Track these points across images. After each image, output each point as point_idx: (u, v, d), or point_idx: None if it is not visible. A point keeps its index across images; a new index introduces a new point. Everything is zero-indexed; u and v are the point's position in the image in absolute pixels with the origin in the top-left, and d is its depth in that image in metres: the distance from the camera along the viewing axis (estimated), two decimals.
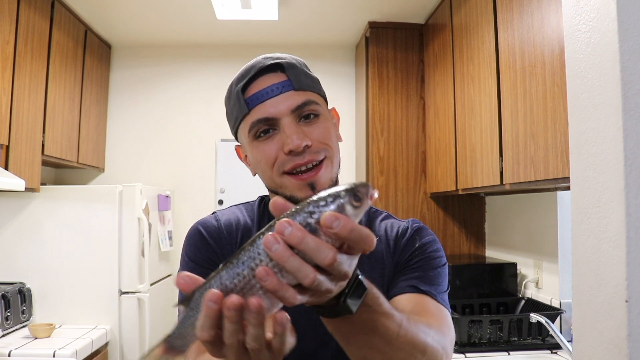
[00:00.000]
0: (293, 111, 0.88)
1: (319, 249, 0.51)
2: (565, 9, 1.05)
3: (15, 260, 2.68)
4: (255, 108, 0.89)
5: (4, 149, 2.34)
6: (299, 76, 0.91)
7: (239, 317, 0.53)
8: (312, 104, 0.90)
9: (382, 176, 3.14)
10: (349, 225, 0.50)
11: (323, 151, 0.89)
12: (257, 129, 0.89)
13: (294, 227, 0.51)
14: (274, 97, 0.88)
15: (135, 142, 3.65)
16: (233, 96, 0.93)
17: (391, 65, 3.19)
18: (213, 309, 0.53)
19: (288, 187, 0.89)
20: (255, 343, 0.55)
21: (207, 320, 0.54)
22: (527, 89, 1.89)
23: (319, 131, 0.90)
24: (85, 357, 2.38)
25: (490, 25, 2.22)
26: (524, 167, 1.91)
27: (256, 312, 0.52)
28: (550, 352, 2.12)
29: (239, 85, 0.91)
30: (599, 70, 0.93)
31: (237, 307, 0.52)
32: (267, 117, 0.88)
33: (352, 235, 0.51)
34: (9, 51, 2.36)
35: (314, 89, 0.93)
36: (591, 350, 0.95)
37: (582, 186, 0.98)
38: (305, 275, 0.51)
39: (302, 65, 0.95)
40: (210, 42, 3.64)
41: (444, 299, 0.94)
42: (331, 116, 0.97)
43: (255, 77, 0.90)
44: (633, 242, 0.85)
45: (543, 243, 2.47)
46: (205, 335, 0.54)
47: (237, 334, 0.54)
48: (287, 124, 0.87)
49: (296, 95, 0.89)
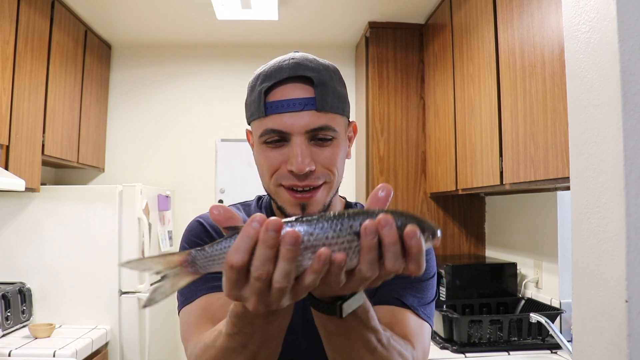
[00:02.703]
0: (308, 132, 0.86)
1: (398, 257, 0.57)
2: (565, 9, 1.05)
3: (15, 260, 2.68)
4: (272, 116, 0.86)
5: (4, 149, 2.34)
6: (326, 96, 0.87)
7: (276, 242, 0.54)
8: (329, 129, 0.87)
9: (382, 176, 3.14)
10: (421, 246, 0.57)
11: (324, 176, 0.88)
12: (269, 136, 0.87)
13: (391, 228, 0.56)
14: (293, 112, 0.86)
15: (135, 142, 3.65)
16: (255, 92, 0.89)
17: (391, 65, 3.19)
18: (254, 229, 0.54)
19: (281, 197, 0.89)
20: (284, 280, 0.55)
21: (244, 240, 0.54)
22: (527, 89, 1.89)
23: (326, 155, 0.88)
24: (86, 357, 2.38)
25: (490, 26, 2.22)
26: (524, 167, 1.91)
27: (292, 244, 0.53)
28: (550, 352, 2.12)
29: (263, 84, 0.88)
30: (599, 70, 0.93)
31: (277, 228, 0.53)
32: (281, 130, 0.86)
33: (418, 256, 0.57)
34: (9, 51, 2.36)
35: (338, 110, 0.89)
36: (591, 350, 0.95)
37: (582, 186, 0.98)
38: (373, 273, 0.57)
39: (334, 80, 0.90)
40: (210, 42, 3.64)
41: (426, 312, 0.94)
42: (347, 136, 0.95)
43: (283, 82, 0.87)
44: (633, 242, 0.85)
45: (543, 243, 2.47)
46: (235, 258, 0.54)
47: (268, 263, 0.54)
48: (298, 143, 0.85)
49: (316, 116, 0.86)
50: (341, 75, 0.93)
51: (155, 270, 0.58)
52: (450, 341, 2.19)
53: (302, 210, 0.88)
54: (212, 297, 0.89)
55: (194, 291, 0.91)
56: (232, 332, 0.70)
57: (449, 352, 2.12)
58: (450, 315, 2.18)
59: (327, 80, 0.88)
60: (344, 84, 0.93)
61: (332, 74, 0.90)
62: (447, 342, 2.19)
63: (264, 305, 0.57)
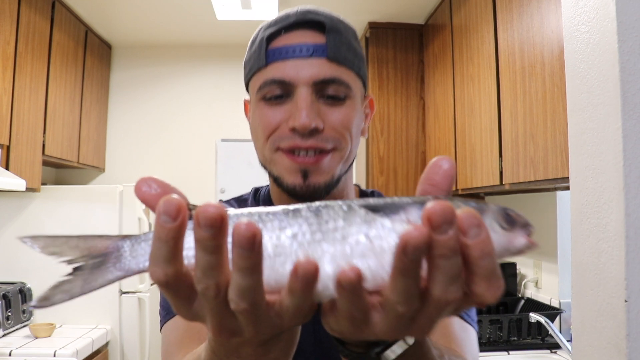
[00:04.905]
0: (316, 83, 0.70)
1: (454, 278, 0.33)
2: (564, 9, 1.06)
3: (15, 260, 2.68)
4: (273, 64, 0.71)
5: (4, 149, 2.34)
6: (339, 45, 0.72)
7: (218, 242, 0.33)
8: (342, 84, 0.71)
9: (382, 176, 3.14)
10: (490, 245, 0.33)
11: (334, 141, 0.71)
12: (269, 90, 0.72)
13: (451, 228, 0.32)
14: (299, 59, 0.70)
15: (135, 142, 3.65)
16: (256, 42, 0.75)
17: (391, 66, 3.20)
18: (165, 227, 0.33)
19: (278, 165, 0.72)
20: (241, 300, 0.34)
21: (157, 245, 0.34)
22: (527, 89, 1.89)
23: (338, 116, 0.71)
24: (86, 356, 2.38)
25: (490, 26, 2.23)
26: (524, 167, 1.91)
27: (245, 247, 0.32)
28: (549, 351, 2.12)
29: (267, 31, 0.73)
30: (599, 71, 0.94)
31: (214, 222, 0.32)
32: (283, 79, 0.70)
33: (483, 262, 0.32)
34: (9, 51, 2.36)
35: (353, 66, 0.73)
36: (590, 349, 0.95)
37: (582, 186, 0.99)
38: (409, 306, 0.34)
39: (349, 34, 0.75)
40: (210, 42, 3.64)
41: (470, 314, 0.77)
42: (363, 105, 0.79)
43: (289, 28, 0.72)
44: (632, 241, 0.86)
45: (542, 243, 2.47)
46: (156, 273, 0.34)
47: (215, 272, 0.34)
48: (303, 96, 0.69)
49: (327, 65, 0.70)
50: (357, 36, 0.77)
51: (68, 257, 0.39)
52: None
53: (303, 178, 0.70)
54: None
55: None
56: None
57: None
58: None
59: (342, 30, 0.73)
60: (359, 45, 0.77)
61: (347, 28, 0.75)
62: None
63: (228, 332, 0.38)
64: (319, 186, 0.71)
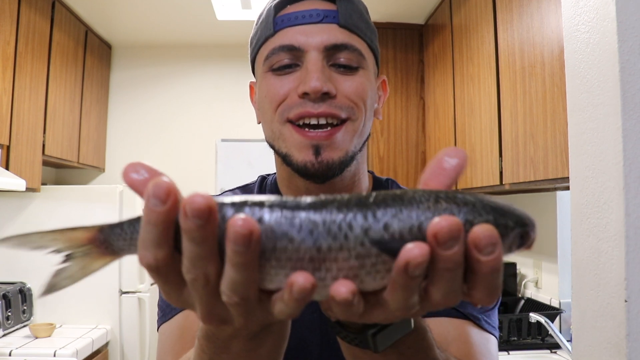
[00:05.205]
0: (328, 49, 0.66)
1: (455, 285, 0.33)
2: (564, 9, 1.06)
3: (16, 260, 2.68)
4: (282, 31, 0.68)
5: (4, 149, 2.34)
6: (351, 12, 0.69)
7: (206, 234, 0.31)
8: (354, 51, 0.68)
9: (382, 176, 3.14)
10: (501, 262, 0.32)
11: (348, 109, 0.66)
12: (277, 58, 0.67)
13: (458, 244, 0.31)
14: (309, 25, 0.67)
15: (135, 142, 3.65)
16: (264, 14, 0.72)
17: (391, 66, 3.20)
18: (155, 210, 0.32)
19: (287, 140, 0.67)
20: (233, 293, 0.33)
21: (147, 229, 0.33)
22: (527, 89, 1.89)
23: (351, 84, 0.67)
24: (86, 356, 2.38)
25: (490, 26, 2.23)
26: (524, 167, 1.91)
27: (241, 244, 0.31)
28: (549, 351, 2.12)
29: (275, 1, 0.70)
30: (599, 71, 0.94)
31: (201, 212, 0.30)
32: (292, 44, 0.66)
33: (491, 277, 0.32)
34: (9, 51, 2.36)
35: (366, 36, 0.71)
36: (590, 349, 0.95)
37: (582, 186, 0.99)
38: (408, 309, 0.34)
39: (361, 5, 0.73)
40: (210, 42, 3.64)
41: (491, 320, 0.70)
42: (377, 83, 0.76)
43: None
44: (632, 241, 0.86)
45: (542, 243, 2.47)
46: (146, 257, 0.34)
47: (203, 262, 0.33)
48: (313, 60, 0.65)
49: (339, 31, 0.67)
50: (368, 13, 0.76)
51: (52, 247, 0.41)
52: None
53: (315, 155, 0.65)
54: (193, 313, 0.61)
55: (171, 306, 0.70)
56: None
57: None
58: None
59: (354, 1, 0.71)
60: (371, 20, 0.76)
61: (359, 0, 0.73)
62: None
63: (218, 320, 0.37)
64: (332, 163, 0.66)
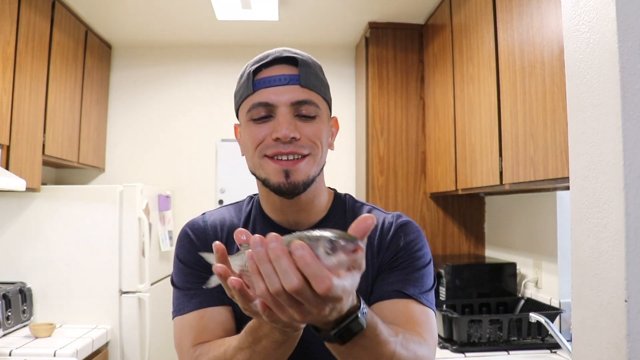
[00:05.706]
0: (293, 104, 0.92)
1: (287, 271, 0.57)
2: (564, 9, 1.06)
3: (16, 260, 2.68)
4: (259, 91, 0.93)
5: (4, 149, 2.34)
6: (309, 75, 0.94)
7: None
8: (312, 105, 0.93)
9: (382, 176, 3.14)
10: (308, 259, 0.56)
11: (309, 148, 0.92)
12: (256, 112, 0.93)
13: (278, 243, 0.58)
14: (279, 86, 0.92)
15: (135, 142, 3.65)
16: (244, 75, 0.97)
17: (391, 66, 3.20)
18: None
19: (265, 169, 0.93)
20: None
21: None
22: (527, 89, 1.89)
23: (310, 129, 0.93)
24: (86, 356, 2.38)
25: (490, 26, 2.23)
26: (524, 167, 1.91)
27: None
28: (549, 351, 2.12)
29: (253, 67, 0.95)
30: (599, 71, 0.94)
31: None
32: (267, 102, 0.92)
33: (307, 270, 0.56)
34: (9, 51, 2.36)
35: (320, 91, 0.96)
36: (590, 349, 0.95)
37: (582, 186, 0.99)
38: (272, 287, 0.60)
39: (317, 68, 0.98)
40: (210, 42, 3.64)
41: (428, 298, 0.95)
42: (330, 123, 1.00)
43: (270, 64, 0.94)
44: (632, 241, 0.86)
45: (542, 243, 2.47)
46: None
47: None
48: (283, 114, 0.91)
49: (300, 91, 0.92)
50: (323, 70, 1.01)
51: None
52: (450, 341, 2.19)
53: (285, 177, 0.91)
54: (202, 312, 0.96)
55: (183, 304, 0.98)
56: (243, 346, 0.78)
57: (449, 352, 2.13)
58: (450, 315, 2.18)
59: (311, 64, 0.97)
60: (325, 77, 1.01)
61: (315, 63, 0.99)
62: (447, 342, 2.19)
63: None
64: (298, 183, 0.92)
